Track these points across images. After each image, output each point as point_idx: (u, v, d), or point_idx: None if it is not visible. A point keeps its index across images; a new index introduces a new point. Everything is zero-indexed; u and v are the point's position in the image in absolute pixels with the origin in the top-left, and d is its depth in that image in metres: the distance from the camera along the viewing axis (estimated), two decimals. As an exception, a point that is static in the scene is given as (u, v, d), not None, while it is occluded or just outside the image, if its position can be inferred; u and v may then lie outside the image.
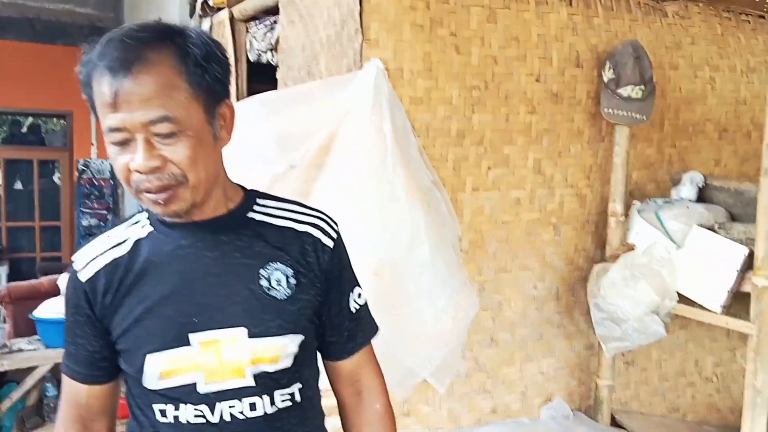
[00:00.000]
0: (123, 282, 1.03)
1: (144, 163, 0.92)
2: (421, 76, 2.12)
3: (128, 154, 0.93)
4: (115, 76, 0.90)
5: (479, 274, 2.32)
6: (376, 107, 2.00)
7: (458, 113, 2.20)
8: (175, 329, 1.01)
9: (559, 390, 2.57)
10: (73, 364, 1.08)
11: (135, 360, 1.02)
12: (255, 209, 1.08)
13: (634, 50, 2.32)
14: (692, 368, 2.89)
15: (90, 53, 0.94)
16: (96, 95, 0.93)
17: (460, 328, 2.09)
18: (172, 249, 1.03)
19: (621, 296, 2.21)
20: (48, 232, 7.19)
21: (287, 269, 1.05)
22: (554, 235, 2.46)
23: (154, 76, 0.91)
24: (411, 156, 2.08)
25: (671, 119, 2.65)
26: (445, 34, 2.15)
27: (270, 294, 1.03)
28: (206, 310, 1.01)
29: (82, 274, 1.05)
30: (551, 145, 2.39)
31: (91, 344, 1.06)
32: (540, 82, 2.33)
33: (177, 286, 1.01)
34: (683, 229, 2.23)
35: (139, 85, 0.90)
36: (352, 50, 2.09)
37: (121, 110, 0.90)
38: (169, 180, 0.94)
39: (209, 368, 1.01)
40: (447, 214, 2.16)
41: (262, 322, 1.02)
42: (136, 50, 0.91)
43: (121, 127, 0.91)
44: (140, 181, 0.94)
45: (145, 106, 0.91)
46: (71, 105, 6.95)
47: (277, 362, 1.04)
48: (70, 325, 1.08)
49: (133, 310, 1.02)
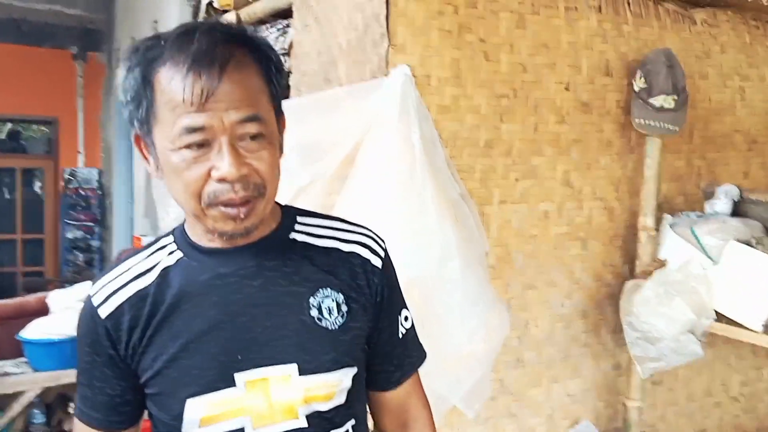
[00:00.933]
0: (152, 317, 0.93)
1: (234, 170, 0.84)
2: (449, 83, 2.07)
3: (205, 163, 0.84)
4: (202, 73, 0.82)
5: (506, 292, 2.26)
6: (404, 116, 1.94)
7: (487, 122, 2.15)
8: (218, 368, 0.91)
9: (586, 412, 2.51)
10: (90, 410, 0.98)
11: (171, 405, 0.92)
12: (296, 229, 1.00)
13: (666, 59, 2.29)
14: (719, 388, 2.85)
15: (150, 46, 0.87)
16: (167, 92, 0.84)
17: (491, 349, 2.03)
18: (210, 278, 0.94)
19: (655, 315, 2.16)
20: (30, 245, 7.00)
21: (338, 295, 0.97)
22: (582, 249, 2.41)
23: (246, 76, 0.86)
24: (439, 167, 2.02)
25: (700, 130, 2.62)
26: (474, 40, 2.10)
27: (321, 324, 0.95)
28: (252, 345, 0.92)
29: (102, 309, 0.94)
30: (580, 157, 2.35)
31: (112, 387, 0.96)
32: (569, 91, 2.29)
33: (217, 320, 0.92)
34: (719, 244, 2.19)
35: (230, 84, 0.84)
36: (377, 56, 2.03)
37: (208, 109, 0.83)
38: (251, 191, 0.87)
39: (257, 411, 0.92)
40: (475, 228, 2.10)
41: (314, 357, 0.94)
42: (226, 47, 0.85)
43: (205, 126, 0.83)
44: (222, 191, 0.85)
45: (236, 105, 0.84)
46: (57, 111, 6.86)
47: (332, 399, 0.96)
48: (86, 366, 0.97)
49: (167, 348, 0.92)
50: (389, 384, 1.09)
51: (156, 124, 0.87)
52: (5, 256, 6.91)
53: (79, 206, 6.70)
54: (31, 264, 6.97)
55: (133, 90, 0.88)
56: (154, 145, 0.90)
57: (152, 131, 0.88)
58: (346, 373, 0.98)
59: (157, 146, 0.88)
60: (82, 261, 6.79)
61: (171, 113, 0.85)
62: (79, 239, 6.75)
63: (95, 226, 6.77)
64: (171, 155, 0.86)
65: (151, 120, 0.88)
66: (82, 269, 6.73)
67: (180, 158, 0.86)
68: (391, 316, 1.06)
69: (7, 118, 7.37)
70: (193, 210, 0.89)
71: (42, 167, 7.18)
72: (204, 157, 0.85)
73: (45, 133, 7.59)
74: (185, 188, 0.87)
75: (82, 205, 6.70)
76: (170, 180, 0.89)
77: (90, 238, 6.79)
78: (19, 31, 6.43)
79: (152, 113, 0.87)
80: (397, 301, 1.08)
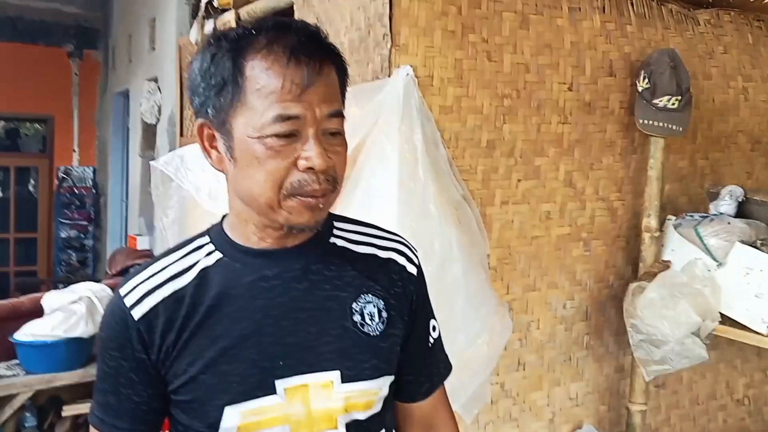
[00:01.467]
0: (189, 319, 0.90)
1: (323, 161, 0.86)
2: (452, 83, 2.08)
3: (291, 153, 0.86)
4: (303, 64, 0.85)
5: (507, 293, 2.27)
6: (406, 117, 1.95)
7: (489, 123, 2.15)
8: (259, 375, 0.90)
9: (588, 416, 2.52)
10: (113, 418, 0.94)
11: (206, 413, 0.90)
12: (335, 233, 1.00)
13: (671, 59, 2.30)
14: (723, 390, 2.85)
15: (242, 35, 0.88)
16: (261, 80, 0.85)
17: (493, 354, 2.04)
18: (254, 280, 0.92)
19: (660, 317, 2.16)
20: (23, 245, 6.97)
21: (379, 301, 0.97)
22: (584, 251, 2.42)
23: (333, 72, 0.90)
24: (441, 168, 2.03)
25: (704, 130, 2.63)
26: (477, 40, 2.10)
27: (363, 330, 0.95)
28: (294, 351, 0.91)
29: (135, 311, 0.91)
30: (583, 157, 2.35)
31: (139, 394, 0.93)
32: (572, 91, 2.29)
33: (260, 324, 0.91)
34: (724, 245, 2.20)
35: (326, 77, 0.88)
36: (380, 56, 2.04)
37: (303, 100, 0.85)
38: (330, 184, 0.89)
39: (296, 420, 0.91)
40: (476, 230, 2.11)
41: (356, 364, 0.93)
42: (322, 43, 0.89)
43: (299, 116, 0.85)
44: (307, 181, 0.86)
45: (328, 98, 0.88)
46: (52, 109, 6.84)
47: (371, 408, 0.96)
48: (110, 371, 0.93)
49: (203, 353, 0.89)
50: (417, 395, 1.09)
51: (241, 111, 0.87)
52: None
53: (74, 205, 6.69)
54: (23, 263, 6.93)
55: (219, 76, 0.87)
56: (229, 134, 0.89)
57: (232, 119, 0.88)
58: (386, 381, 0.98)
59: (237, 135, 0.88)
60: (76, 260, 6.78)
61: (262, 101, 0.85)
62: (72, 238, 6.72)
63: (89, 225, 6.76)
64: (254, 144, 0.86)
65: (234, 107, 0.87)
66: (75, 269, 6.72)
67: (265, 147, 0.86)
68: (422, 324, 1.06)
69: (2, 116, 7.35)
70: (269, 201, 0.87)
71: (36, 165, 7.15)
72: (290, 147, 0.86)
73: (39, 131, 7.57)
74: (267, 177, 0.86)
75: (77, 204, 6.69)
76: (247, 170, 0.88)
77: (84, 238, 6.78)
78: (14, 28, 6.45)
79: (238, 100, 0.87)
80: (428, 310, 1.09)
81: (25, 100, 6.69)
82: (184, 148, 2.47)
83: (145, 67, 5.24)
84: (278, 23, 0.89)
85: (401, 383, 1.06)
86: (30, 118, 7.58)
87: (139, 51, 5.50)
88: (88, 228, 6.81)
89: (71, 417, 3.00)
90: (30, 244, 7.02)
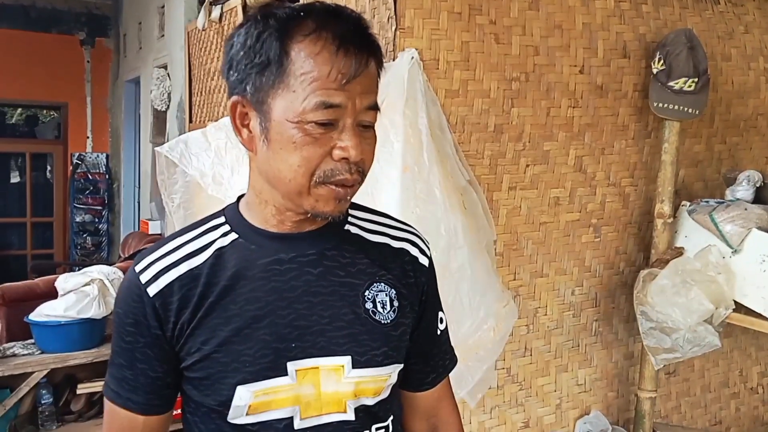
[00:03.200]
0: (205, 298, 0.92)
1: (358, 152, 0.86)
2: (458, 67, 2.06)
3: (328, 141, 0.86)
4: (352, 54, 0.85)
5: (514, 279, 2.27)
6: (411, 101, 1.94)
7: (496, 107, 2.14)
8: (271, 356, 0.91)
9: (596, 402, 2.52)
10: (129, 393, 0.96)
11: (220, 390, 0.91)
12: (350, 221, 1.01)
13: (687, 40, 2.25)
14: (736, 378, 2.84)
15: (290, 16, 0.87)
16: (307, 65, 0.85)
17: (500, 340, 2.04)
18: (269, 262, 0.93)
19: (671, 304, 2.15)
20: (40, 229, 7.10)
21: (391, 290, 0.99)
22: (594, 237, 2.41)
23: (374, 64, 0.90)
24: (447, 153, 2.02)
25: (722, 114, 2.59)
26: (484, 22, 2.08)
27: (375, 318, 0.96)
28: (306, 334, 0.92)
29: (151, 288, 0.92)
30: (594, 141, 2.33)
31: (154, 369, 0.94)
32: (584, 74, 2.27)
33: (273, 306, 0.92)
34: (740, 232, 2.16)
35: (370, 69, 0.88)
36: (384, 39, 2.03)
37: (347, 89, 0.85)
38: (360, 175, 0.90)
39: (306, 401, 0.93)
40: (483, 216, 2.10)
41: (367, 351, 0.95)
42: (369, 34, 0.90)
43: (341, 105, 0.85)
44: (340, 171, 0.87)
45: (368, 90, 0.88)
46: (66, 96, 6.96)
47: (379, 394, 0.97)
48: (126, 346, 0.95)
49: (217, 331, 0.91)
50: (423, 384, 1.11)
51: (282, 94, 0.86)
52: (16, 239, 7.02)
53: (88, 190, 6.81)
54: (40, 247, 7.05)
55: (264, 55, 0.87)
56: (266, 115, 0.88)
57: (271, 100, 0.88)
58: (395, 369, 0.99)
59: (274, 116, 0.87)
60: (91, 244, 6.93)
61: (306, 86, 0.85)
62: (87, 223, 6.85)
63: (103, 210, 6.88)
64: (291, 128, 0.86)
65: (276, 88, 0.87)
66: (90, 252, 6.87)
67: (304, 132, 0.86)
68: (431, 315, 1.08)
69: (17, 103, 7.48)
70: (299, 186, 0.88)
71: (51, 152, 7.27)
72: (327, 136, 0.86)
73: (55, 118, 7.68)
74: (302, 162, 0.86)
75: (90, 190, 6.80)
76: (281, 152, 0.87)
77: (98, 222, 6.90)
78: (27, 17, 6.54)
79: (281, 82, 0.86)
80: (437, 301, 1.11)
81: (40, 88, 6.76)
82: (188, 133, 2.49)
83: (155, 53, 5.28)
84: (328, 8, 0.89)
85: (408, 372, 1.08)
86: (44, 106, 7.70)
87: (149, 38, 5.54)
88: (102, 213, 6.93)
89: (86, 395, 3.11)
90: (46, 228, 7.13)
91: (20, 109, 7.80)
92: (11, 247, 6.97)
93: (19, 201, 7.02)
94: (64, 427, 3.03)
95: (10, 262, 6.76)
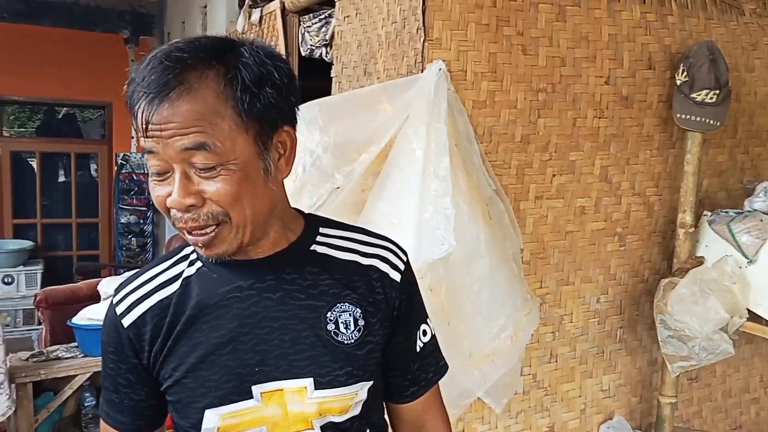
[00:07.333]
0: (173, 327, 0.91)
1: (178, 200, 0.80)
2: (486, 78, 1.98)
3: (166, 186, 0.81)
4: (151, 101, 0.77)
5: (540, 287, 2.18)
6: (435, 112, 1.86)
7: (523, 117, 2.05)
8: (235, 381, 0.89)
9: (619, 408, 2.42)
10: (117, 414, 0.97)
11: (190, 414, 0.91)
12: (318, 240, 0.96)
13: (709, 52, 2.15)
14: (757, 384, 2.72)
15: (135, 71, 0.82)
16: (135, 118, 0.80)
17: (518, 347, 1.96)
18: (229, 290, 0.91)
19: (689, 313, 2.05)
20: (85, 230, 6.87)
21: (356, 309, 0.93)
22: (619, 245, 2.31)
23: (194, 103, 0.78)
24: (473, 163, 1.94)
25: (745, 124, 2.47)
26: (512, 33, 2.00)
27: (337, 339, 0.92)
28: (268, 358, 0.90)
29: (125, 319, 0.92)
30: (619, 151, 2.23)
31: (137, 393, 0.95)
32: (609, 85, 2.17)
33: (235, 333, 0.89)
34: (755, 242, 2.08)
35: (175, 113, 0.77)
36: (413, 50, 1.96)
37: (155, 137, 0.78)
38: (206, 220, 0.82)
39: (273, 421, 0.91)
40: (509, 225, 2.02)
41: (329, 372, 0.91)
42: (176, 73, 0.78)
43: (154, 151, 0.79)
44: (176, 219, 0.82)
45: (182, 133, 0.78)
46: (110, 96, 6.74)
47: (346, 412, 0.93)
48: (110, 372, 0.96)
49: (185, 359, 0.90)
50: (402, 397, 1.06)
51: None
52: (62, 240, 6.81)
53: (132, 191, 6.56)
54: (86, 248, 6.85)
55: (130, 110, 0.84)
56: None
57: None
58: (362, 387, 0.95)
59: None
60: (136, 246, 6.69)
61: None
62: (132, 224, 6.61)
63: (148, 211, 6.62)
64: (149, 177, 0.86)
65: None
66: (135, 254, 6.65)
67: (151, 181, 0.84)
68: (408, 330, 1.02)
69: (62, 102, 7.29)
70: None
71: (96, 152, 7.10)
72: (165, 182, 0.82)
73: (99, 118, 7.54)
74: (160, 209, 0.85)
75: (135, 190, 6.55)
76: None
77: (143, 223, 6.66)
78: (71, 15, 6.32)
79: None
80: (417, 315, 1.04)
81: (84, 87, 6.58)
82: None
83: (198, 53, 5.17)
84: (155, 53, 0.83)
85: (387, 385, 1.04)
86: (89, 105, 7.50)
87: (192, 37, 5.45)
88: (147, 214, 6.67)
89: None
90: (92, 229, 6.92)
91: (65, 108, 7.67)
92: (57, 248, 6.75)
93: (64, 201, 6.79)
94: (107, 431, 3.01)
95: (57, 263, 6.51)
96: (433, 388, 1.07)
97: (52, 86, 6.53)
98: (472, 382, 1.95)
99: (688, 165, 2.24)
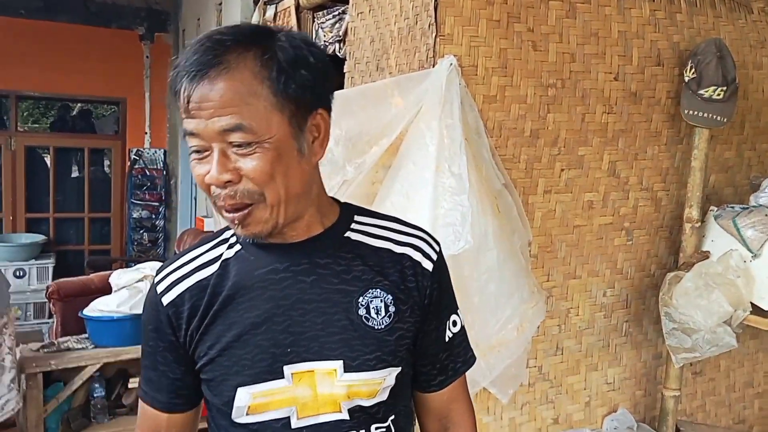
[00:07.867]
0: (210, 307, 0.93)
1: (216, 176, 0.83)
2: (496, 73, 2.00)
3: (206, 165, 0.84)
4: (191, 81, 0.81)
5: (547, 281, 2.20)
6: (447, 106, 1.88)
7: (533, 112, 2.07)
8: (268, 360, 0.91)
9: (624, 400, 2.44)
10: (154, 392, 1.00)
11: (223, 392, 0.93)
12: (353, 227, 0.98)
13: (717, 49, 2.16)
14: (761, 378, 2.73)
15: (180, 56, 0.86)
16: (177, 98, 0.84)
17: (524, 338, 1.98)
18: (265, 273, 0.93)
19: (693, 306, 2.07)
20: (97, 224, 6.90)
21: (387, 296, 0.95)
22: (626, 240, 2.32)
23: (232, 81, 0.81)
24: (483, 157, 1.96)
25: (752, 121, 2.48)
26: (522, 29, 2.02)
27: (368, 324, 0.94)
28: (301, 339, 0.92)
29: (165, 297, 0.95)
30: (627, 147, 2.25)
31: (173, 371, 0.98)
32: (618, 81, 2.18)
33: (270, 314, 0.92)
34: (760, 237, 2.09)
35: (214, 91, 0.81)
36: (425, 45, 1.98)
37: (196, 116, 0.82)
38: (242, 197, 0.84)
39: (303, 402, 0.92)
40: (517, 218, 2.03)
41: (359, 355, 0.93)
42: (216, 53, 0.82)
43: (195, 132, 0.83)
44: (216, 196, 0.85)
45: (220, 113, 0.81)
46: (124, 92, 6.76)
47: (374, 397, 0.95)
48: (149, 350, 0.99)
49: (221, 337, 0.92)
50: (430, 386, 1.07)
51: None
52: (74, 234, 6.85)
53: (145, 186, 6.62)
54: (97, 242, 6.88)
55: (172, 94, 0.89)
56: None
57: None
58: (390, 372, 0.96)
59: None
60: (147, 240, 6.74)
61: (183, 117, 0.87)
62: (144, 219, 6.66)
63: (160, 206, 6.67)
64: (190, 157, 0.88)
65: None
66: (146, 248, 6.70)
67: (192, 160, 0.87)
68: (438, 319, 1.03)
69: (76, 98, 7.31)
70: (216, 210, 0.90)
71: (110, 147, 7.11)
72: (204, 161, 0.86)
73: (113, 113, 7.55)
74: (201, 188, 0.88)
75: (148, 185, 6.60)
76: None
77: (155, 218, 6.71)
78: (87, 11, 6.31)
79: None
80: (447, 304, 1.05)
81: (98, 83, 6.57)
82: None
83: (213, 50, 5.17)
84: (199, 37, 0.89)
85: (416, 373, 1.05)
86: (103, 101, 7.48)
87: (207, 34, 5.44)
88: (159, 209, 6.73)
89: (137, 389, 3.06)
90: (104, 223, 6.95)
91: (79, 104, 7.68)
92: (69, 242, 6.80)
93: (77, 196, 6.83)
94: (115, 420, 3.01)
95: (68, 256, 6.60)
96: (459, 379, 1.08)
97: (67, 82, 6.53)
98: (477, 372, 1.97)
99: (696, 161, 2.25)
